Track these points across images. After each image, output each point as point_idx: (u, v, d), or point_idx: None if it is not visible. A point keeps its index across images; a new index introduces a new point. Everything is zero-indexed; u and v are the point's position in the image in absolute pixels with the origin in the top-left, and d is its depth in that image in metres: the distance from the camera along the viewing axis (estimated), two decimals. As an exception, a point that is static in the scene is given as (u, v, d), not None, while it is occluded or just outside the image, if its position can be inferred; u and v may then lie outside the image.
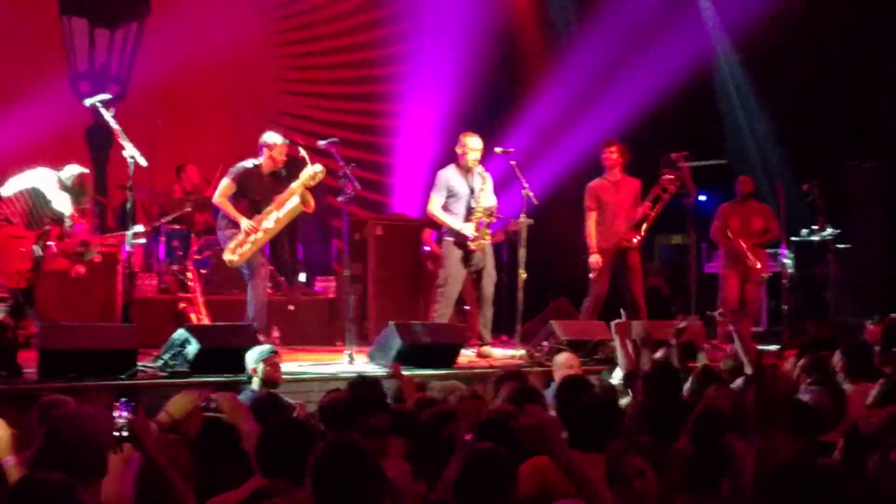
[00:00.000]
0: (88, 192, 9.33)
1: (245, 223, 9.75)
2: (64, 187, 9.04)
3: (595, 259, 10.96)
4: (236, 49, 14.34)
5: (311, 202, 9.98)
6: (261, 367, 7.35)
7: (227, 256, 9.79)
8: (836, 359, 7.50)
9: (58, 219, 9.04)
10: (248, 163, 9.95)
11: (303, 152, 10.25)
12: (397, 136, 15.78)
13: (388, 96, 15.90)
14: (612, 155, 11.22)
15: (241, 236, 9.75)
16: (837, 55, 14.29)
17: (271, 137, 10.03)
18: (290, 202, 9.97)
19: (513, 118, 14.48)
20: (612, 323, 7.95)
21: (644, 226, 11.20)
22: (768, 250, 12.40)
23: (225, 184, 9.89)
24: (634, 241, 11.07)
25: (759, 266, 12.01)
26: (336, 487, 3.78)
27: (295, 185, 10.01)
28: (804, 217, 12.92)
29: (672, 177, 11.19)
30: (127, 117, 11.21)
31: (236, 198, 9.85)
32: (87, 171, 9.34)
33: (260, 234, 9.88)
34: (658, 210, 11.26)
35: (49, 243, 8.92)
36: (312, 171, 10.02)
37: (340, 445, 3.91)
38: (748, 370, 7.32)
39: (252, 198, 9.94)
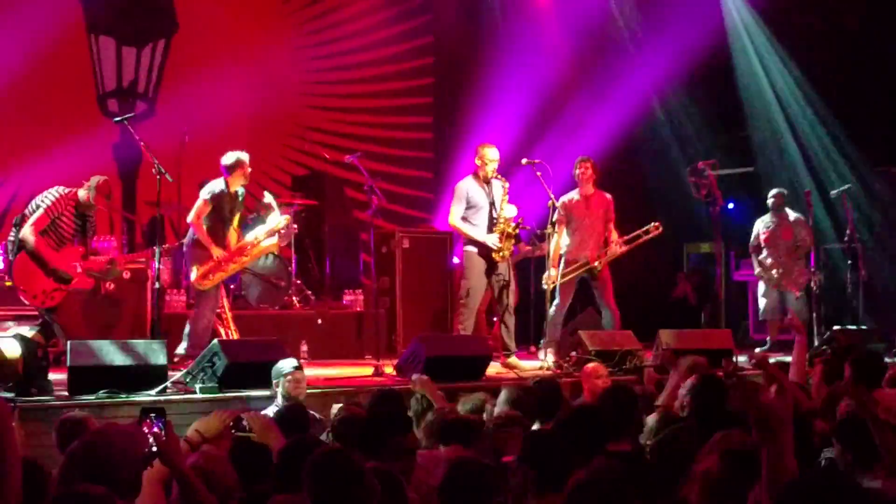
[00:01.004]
0: (104, 199, 9.33)
1: (217, 252, 9.84)
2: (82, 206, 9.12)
3: (549, 275, 10.87)
4: (263, 64, 14.42)
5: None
6: (282, 382, 7.36)
7: (195, 278, 9.86)
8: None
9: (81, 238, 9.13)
10: (220, 183, 9.96)
11: (269, 198, 10.31)
12: (436, 149, 15.82)
13: (421, 109, 15.95)
14: (587, 171, 11.15)
15: (211, 263, 9.83)
16: (869, 58, 14.20)
17: (242, 156, 10.03)
18: (265, 243, 10.24)
19: (542, 128, 14.48)
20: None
21: (612, 258, 11.07)
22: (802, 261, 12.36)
23: (199, 204, 9.92)
24: (597, 265, 10.96)
25: (797, 285, 12.07)
26: (328, 498, 3.85)
27: (261, 235, 10.13)
28: (834, 223, 12.85)
29: (657, 224, 11.08)
30: (154, 134, 11.33)
31: (209, 217, 9.93)
32: (102, 178, 9.37)
33: (233, 265, 10.07)
34: (632, 248, 11.16)
35: (74, 263, 9.02)
36: (283, 222, 10.35)
37: (332, 455, 3.99)
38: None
39: (223, 217, 10.02)
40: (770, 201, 12.50)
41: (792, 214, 12.45)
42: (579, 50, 15.13)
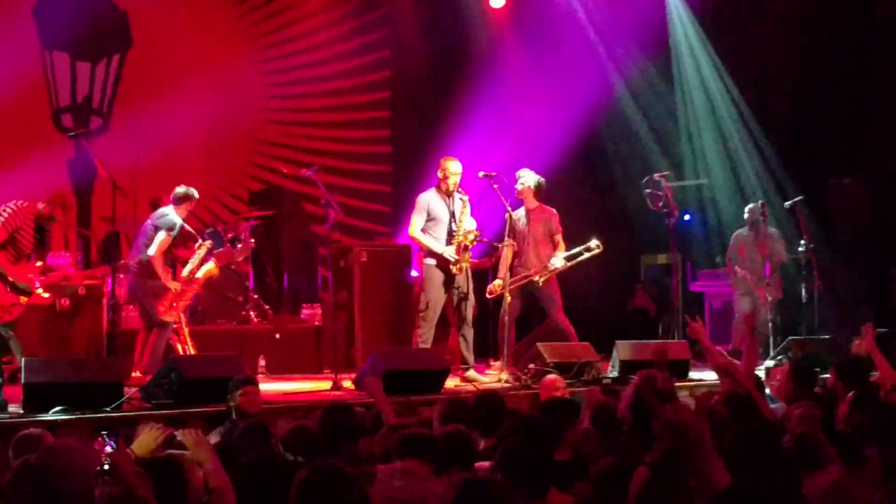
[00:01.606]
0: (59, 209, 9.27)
1: (174, 285, 9.91)
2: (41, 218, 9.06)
3: (494, 285, 10.92)
4: (219, 79, 14.36)
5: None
6: (235, 397, 7.32)
7: (167, 317, 9.87)
8: (831, 376, 7.61)
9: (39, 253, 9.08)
10: (175, 217, 9.93)
11: (204, 248, 10.32)
12: (394, 163, 15.81)
13: (378, 123, 15.95)
14: (522, 186, 11.17)
15: (171, 296, 9.87)
16: (822, 73, 14.36)
17: (192, 192, 10.03)
18: (203, 270, 10.32)
19: (500, 140, 14.52)
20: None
21: (552, 274, 11.06)
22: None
23: (162, 240, 9.85)
24: (539, 280, 10.98)
25: (768, 298, 12.23)
26: None
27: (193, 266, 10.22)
28: (788, 234, 12.96)
29: (598, 242, 11.11)
30: (110, 150, 11.29)
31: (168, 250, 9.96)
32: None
33: (188, 293, 10.22)
34: (572, 264, 11.20)
35: (31, 277, 8.95)
36: (210, 269, 10.31)
37: (325, 471, 3.91)
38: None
39: (171, 248, 10.12)
40: (746, 216, 12.63)
41: (768, 228, 12.58)
42: (537, 61, 15.18)
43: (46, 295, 9.40)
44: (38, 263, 9.36)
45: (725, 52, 14.93)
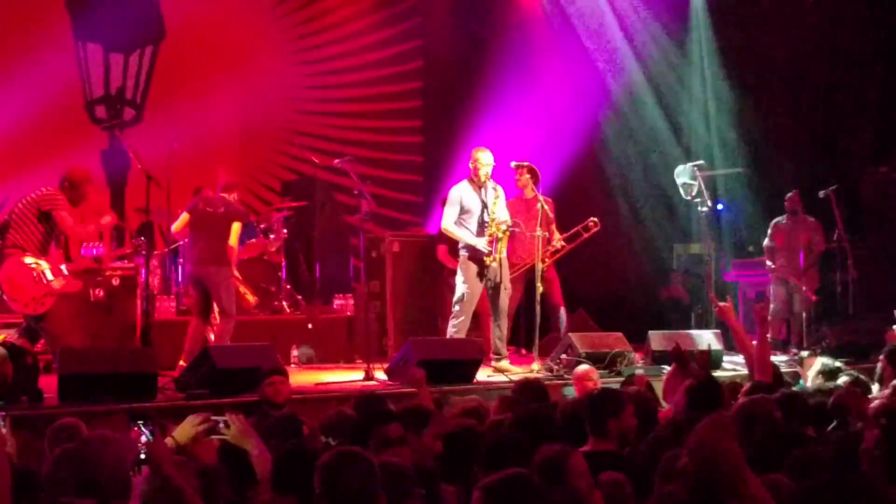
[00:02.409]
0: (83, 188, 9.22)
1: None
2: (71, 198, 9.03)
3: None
4: (252, 70, 14.39)
5: None
6: (262, 387, 7.32)
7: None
8: (880, 366, 7.59)
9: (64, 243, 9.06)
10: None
11: None
12: (426, 153, 15.82)
13: (410, 113, 15.96)
14: (523, 176, 11.19)
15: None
16: (857, 59, 14.25)
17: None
18: None
19: (532, 130, 14.49)
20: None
21: (556, 255, 11.16)
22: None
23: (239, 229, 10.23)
24: (542, 264, 10.99)
25: (807, 293, 12.22)
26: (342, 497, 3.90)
27: None
28: (823, 224, 12.87)
29: (595, 220, 11.13)
30: (143, 141, 11.34)
31: None
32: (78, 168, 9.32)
33: None
34: (573, 246, 11.22)
35: (60, 267, 8.93)
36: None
37: (347, 455, 4.02)
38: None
39: None
40: (786, 204, 12.59)
41: (808, 218, 12.52)
42: (568, 50, 15.12)
43: (78, 280, 9.34)
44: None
45: (757, 37, 14.82)
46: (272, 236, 12.48)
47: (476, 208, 10.42)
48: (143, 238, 10.16)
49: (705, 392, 6.19)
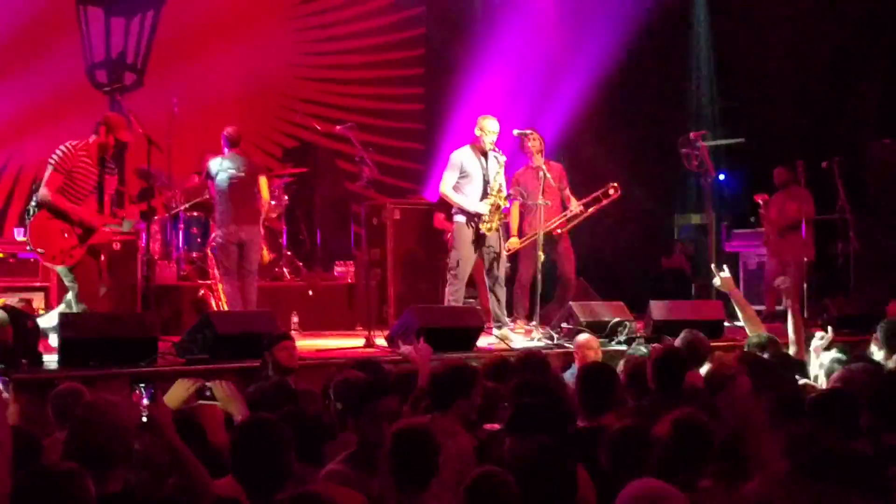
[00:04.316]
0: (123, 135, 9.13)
1: None
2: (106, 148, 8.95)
3: (512, 243, 10.90)
4: (254, 35, 14.32)
5: None
6: (273, 352, 7.31)
7: None
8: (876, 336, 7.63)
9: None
10: None
11: None
12: (427, 121, 15.77)
13: (412, 80, 15.90)
14: (528, 142, 11.13)
15: None
16: (862, 30, 14.18)
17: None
18: None
19: (539, 101, 14.45)
20: None
21: (574, 222, 11.14)
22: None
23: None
24: (559, 231, 10.97)
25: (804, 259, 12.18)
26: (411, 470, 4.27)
27: None
28: (825, 195, 12.84)
29: (615, 185, 11.09)
30: (144, 105, 11.29)
31: None
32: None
33: None
34: (592, 212, 11.19)
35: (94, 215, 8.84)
36: None
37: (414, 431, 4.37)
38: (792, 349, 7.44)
39: None
40: (774, 178, 12.54)
41: (798, 188, 12.47)
42: (569, 17, 15.06)
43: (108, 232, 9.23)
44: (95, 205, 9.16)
45: (762, 7, 14.76)
46: (273, 202, 12.44)
47: (477, 175, 10.36)
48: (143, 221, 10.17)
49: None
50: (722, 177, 14.44)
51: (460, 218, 10.41)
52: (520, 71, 14.77)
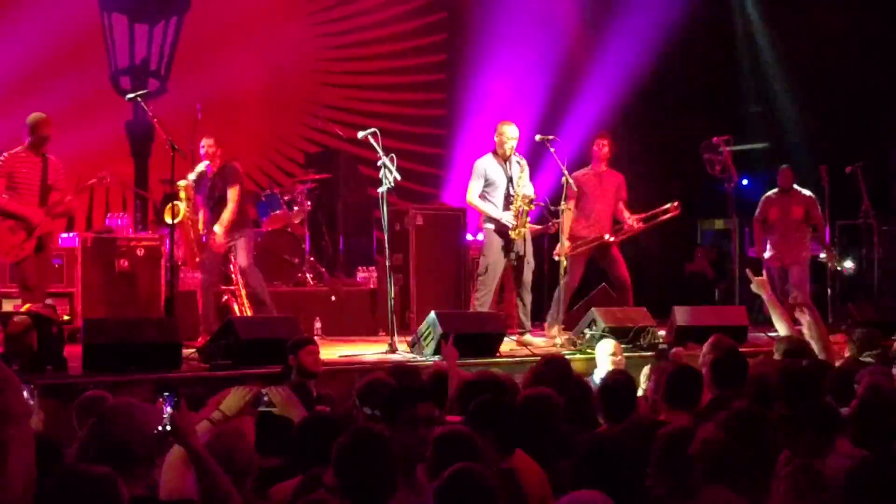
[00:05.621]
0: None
1: None
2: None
3: (563, 245, 10.87)
4: (276, 41, 14.37)
5: None
6: (299, 357, 7.31)
7: None
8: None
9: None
10: None
11: None
12: (448, 126, 15.77)
13: (434, 86, 15.90)
14: (604, 148, 11.12)
15: None
16: (887, 34, 14.13)
17: None
18: None
19: (561, 106, 14.44)
20: None
21: (627, 235, 11.12)
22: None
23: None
24: (610, 239, 10.96)
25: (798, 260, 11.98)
26: (359, 475, 4.05)
27: None
28: (849, 200, 12.77)
29: (676, 203, 11.04)
30: (167, 111, 11.32)
31: None
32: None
33: None
34: (648, 227, 11.16)
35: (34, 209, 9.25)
36: None
37: (366, 433, 4.16)
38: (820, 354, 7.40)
39: None
40: (778, 181, 12.41)
41: (803, 191, 12.34)
42: (593, 24, 15.05)
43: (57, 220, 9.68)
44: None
45: (786, 12, 14.72)
46: (296, 208, 12.48)
47: (501, 182, 10.37)
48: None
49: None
50: (745, 182, 14.40)
51: (489, 225, 10.42)
52: (541, 77, 14.75)
